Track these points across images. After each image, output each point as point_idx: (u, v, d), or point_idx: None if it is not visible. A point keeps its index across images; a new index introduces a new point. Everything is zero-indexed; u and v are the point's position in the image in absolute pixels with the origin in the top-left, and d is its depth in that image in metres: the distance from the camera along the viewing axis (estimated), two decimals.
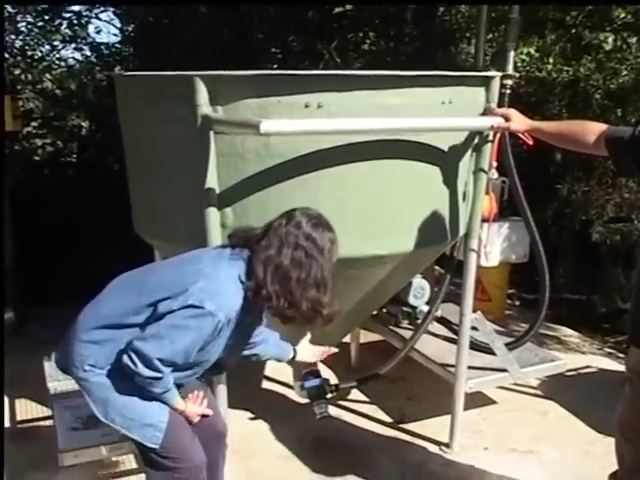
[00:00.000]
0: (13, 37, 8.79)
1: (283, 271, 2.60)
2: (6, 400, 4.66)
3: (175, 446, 2.81)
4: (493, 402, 4.86)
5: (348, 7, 7.21)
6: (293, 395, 4.46)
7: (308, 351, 3.33)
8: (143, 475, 3.83)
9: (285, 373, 4.61)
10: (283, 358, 3.29)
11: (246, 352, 3.11)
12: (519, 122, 3.33)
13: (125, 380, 2.69)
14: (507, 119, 3.34)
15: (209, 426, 3.05)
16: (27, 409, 4.62)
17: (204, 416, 2.98)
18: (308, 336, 3.33)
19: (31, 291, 6.02)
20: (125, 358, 2.62)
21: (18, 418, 4.49)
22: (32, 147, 8.64)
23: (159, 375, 2.63)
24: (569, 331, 6.26)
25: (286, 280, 2.60)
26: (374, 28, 8.00)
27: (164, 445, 2.78)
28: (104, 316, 2.77)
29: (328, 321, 2.73)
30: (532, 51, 6.36)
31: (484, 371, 4.37)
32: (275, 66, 7.81)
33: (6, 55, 7.70)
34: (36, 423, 4.42)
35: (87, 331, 2.77)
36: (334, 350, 3.36)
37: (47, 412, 4.27)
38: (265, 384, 5.11)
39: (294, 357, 3.29)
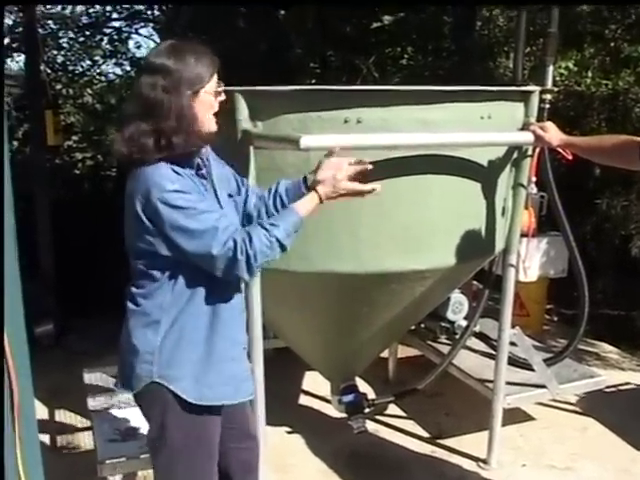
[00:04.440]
0: (55, 52, 8.95)
1: None
2: (46, 411, 4.71)
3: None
4: (531, 418, 4.82)
5: (386, 22, 7.24)
6: (330, 410, 4.46)
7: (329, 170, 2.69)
8: None
9: (322, 387, 4.61)
10: (299, 190, 2.76)
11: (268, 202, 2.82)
12: (553, 136, 3.32)
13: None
14: (543, 130, 3.34)
15: (240, 427, 2.96)
16: (67, 420, 4.66)
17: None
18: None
19: (71, 303, 6.08)
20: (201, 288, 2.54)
21: (57, 429, 4.53)
22: (72, 161, 8.76)
23: (231, 245, 2.41)
24: (608, 347, 6.20)
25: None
26: (412, 43, 8.03)
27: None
28: None
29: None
30: (570, 65, 6.34)
31: (522, 387, 4.34)
32: (313, 81, 7.85)
33: (48, 70, 7.81)
34: (75, 434, 4.45)
35: None
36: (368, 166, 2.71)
37: (86, 423, 4.30)
38: (302, 399, 5.11)
39: (307, 182, 2.76)
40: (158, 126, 2.41)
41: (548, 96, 4.14)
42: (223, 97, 2.60)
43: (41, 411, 4.62)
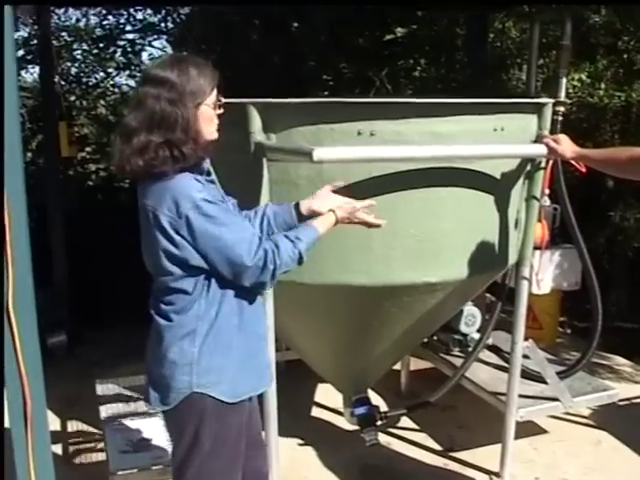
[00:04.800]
0: (69, 64, 8.99)
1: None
2: (58, 422, 4.72)
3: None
4: (544, 431, 4.80)
5: (399, 34, 7.26)
6: (342, 422, 4.46)
7: (324, 200, 2.83)
8: None
9: (335, 399, 4.60)
10: (289, 216, 2.83)
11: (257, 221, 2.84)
12: (566, 149, 3.31)
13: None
14: (556, 143, 3.33)
15: (253, 434, 2.96)
16: (79, 431, 4.66)
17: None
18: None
19: (84, 314, 6.10)
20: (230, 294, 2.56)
21: (70, 440, 4.53)
22: (86, 172, 8.80)
23: (261, 255, 2.48)
24: (622, 360, 6.17)
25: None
26: (425, 55, 8.03)
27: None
28: None
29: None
30: (584, 77, 6.34)
31: (535, 400, 4.32)
32: (326, 93, 7.86)
33: (62, 82, 7.85)
34: (87, 445, 4.45)
35: None
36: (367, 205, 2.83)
37: (98, 434, 4.30)
38: (314, 411, 5.10)
39: (299, 209, 2.82)
40: (167, 138, 2.43)
41: (561, 108, 4.13)
42: (222, 110, 2.62)
43: (53, 421, 4.62)
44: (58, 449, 4.36)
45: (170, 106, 2.42)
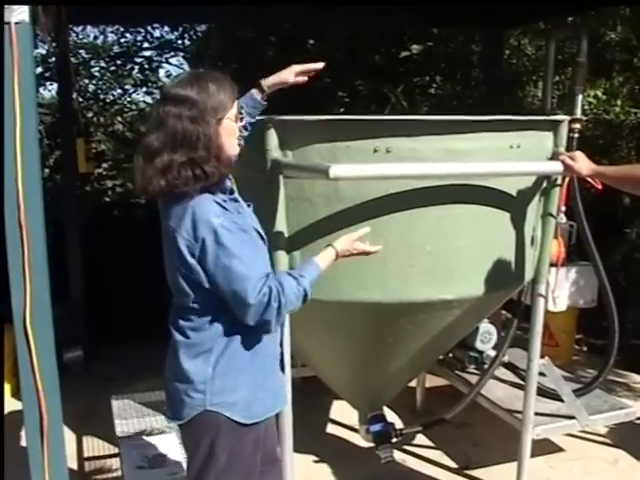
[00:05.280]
0: (87, 81, 9.07)
1: None
2: (73, 437, 4.73)
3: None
4: (560, 449, 4.77)
5: (414, 51, 7.28)
6: (358, 439, 4.44)
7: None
8: None
9: (350, 416, 4.59)
10: (257, 100, 3.00)
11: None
12: (583, 166, 3.30)
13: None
14: (573, 160, 3.32)
15: (268, 450, 2.94)
16: (94, 446, 4.67)
17: None
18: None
19: (100, 329, 6.12)
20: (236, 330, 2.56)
21: (85, 455, 4.54)
22: (102, 188, 8.85)
23: (266, 291, 2.46)
24: (639, 378, 6.13)
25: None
26: (440, 72, 8.05)
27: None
28: None
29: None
30: (599, 93, 6.34)
31: (552, 418, 4.30)
32: (342, 110, 7.89)
33: (80, 98, 7.92)
34: (103, 461, 4.46)
35: None
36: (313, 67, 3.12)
37: (114, 450, 4.30)
38: (330, 427, 5.09)
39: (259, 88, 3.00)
40: (189, 157, 2.43)
41: (577, 125, 4.13)
42: (244, 122, 2.64)
43: (69, 437, 4.63)
44: (74, 464, 4.37)
45: (192, 124, 2.43)
